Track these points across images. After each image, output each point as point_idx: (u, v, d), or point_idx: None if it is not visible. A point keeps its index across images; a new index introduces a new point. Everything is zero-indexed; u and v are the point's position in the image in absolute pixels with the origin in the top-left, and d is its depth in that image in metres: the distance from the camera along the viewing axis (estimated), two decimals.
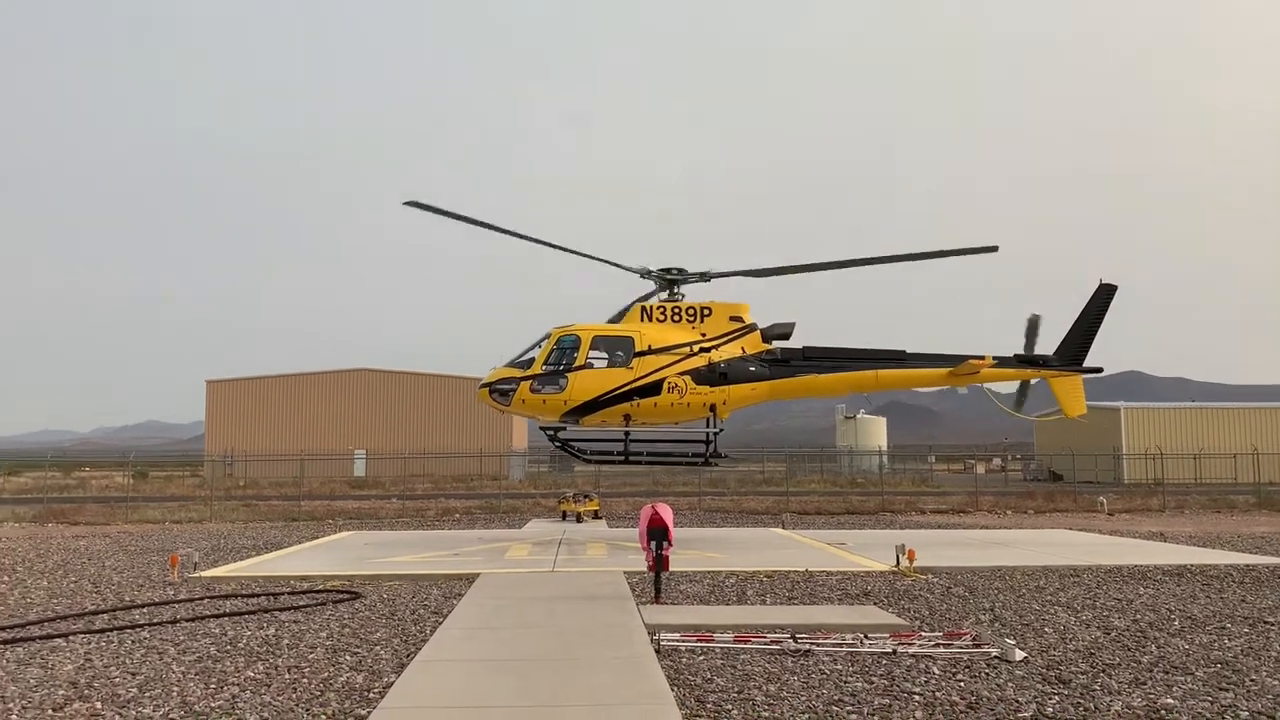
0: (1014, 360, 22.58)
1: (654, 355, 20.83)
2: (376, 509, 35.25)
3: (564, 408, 20.77)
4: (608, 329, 21.28)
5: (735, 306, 21.81)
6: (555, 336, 21.01)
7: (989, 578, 15.48)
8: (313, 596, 13.66)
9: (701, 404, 21.11)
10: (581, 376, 20.66)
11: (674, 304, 21.59)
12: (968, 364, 22.08)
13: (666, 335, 21.13)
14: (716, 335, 21.34)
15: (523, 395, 20.77)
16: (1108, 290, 22.90)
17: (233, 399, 71.61)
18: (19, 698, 8.15)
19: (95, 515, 32.55)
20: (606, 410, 20.87)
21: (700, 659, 9.56)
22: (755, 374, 21.40)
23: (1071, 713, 7.69)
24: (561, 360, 20.72)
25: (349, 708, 7.80)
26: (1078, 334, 22.80)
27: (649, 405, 20.86)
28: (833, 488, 48.90)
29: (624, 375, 20.70)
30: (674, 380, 20.80)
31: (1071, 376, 22.82)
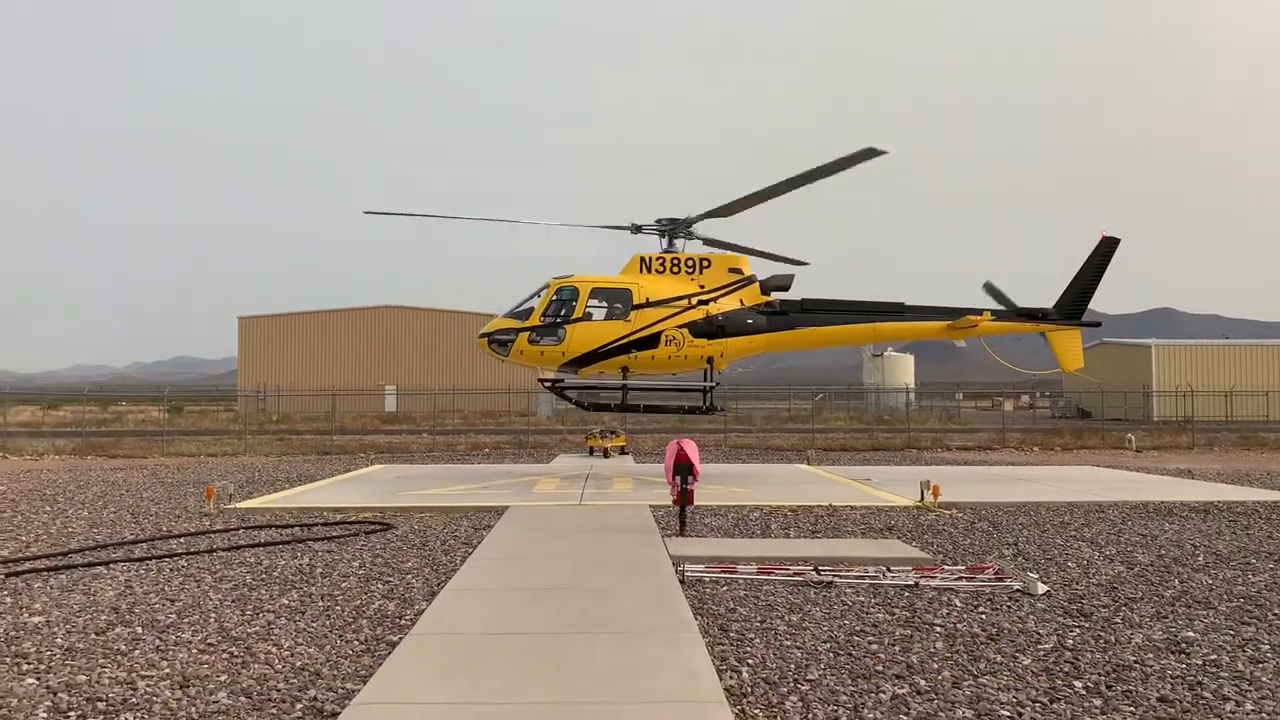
0: (1012, 314, 22.54)
1: (652, 308, 20.84)
2: (407, 443, 35.71)
3: (562, 359, 20.90)
4: (606, 280, 21.29)
5: (734, 258, 21.75)
6: (554, 287, 21.05)
7: (1013, 513, 15.53)
8: (345, 528, 13.94)
9: (699, 356, 21.19)
10: (579, 328, 20.72)
11: (673, 255, 21.54)
12: (966, 318, 22.14)
13: (665, 287, 21.11)
14: (715, 287, 21.31)
15: (521, 346, 20.90)
16: (1109, 243, 22.66)
17: (264, 335, 72.33)
18: (63, 622, 8.42)
19: (132, 448, 33.19)
20: (604, 362, 21.00)
21: (724, 590, 9.70)
22: (753, 326, 21.40)
23: (1092, 645, 7.77)
24: (560, 312, 20.79)
25: (381, 634, 8.01)
26: (1077, 287, 22.65)
27: (646, 358, 20.95)
28: (859, 425, 48.95)
29: (622, 328, 20.75)
30: (671, 333, 20.84)
31: (1070, 330, 22.71)
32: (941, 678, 6.92)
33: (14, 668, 7.09)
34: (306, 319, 73.85)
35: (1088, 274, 22.62)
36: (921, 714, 6.19)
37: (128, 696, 6.44)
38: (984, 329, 22.40)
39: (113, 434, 41.52)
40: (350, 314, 73.96)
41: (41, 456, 31.37)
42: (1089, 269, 22.62)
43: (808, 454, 29.48)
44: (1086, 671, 7.08)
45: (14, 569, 10.77)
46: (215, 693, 6.52)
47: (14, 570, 10.68)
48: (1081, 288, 22.63)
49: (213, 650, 7.54)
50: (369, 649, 7.55)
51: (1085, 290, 22.62)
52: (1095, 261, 22.62)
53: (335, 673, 6.96)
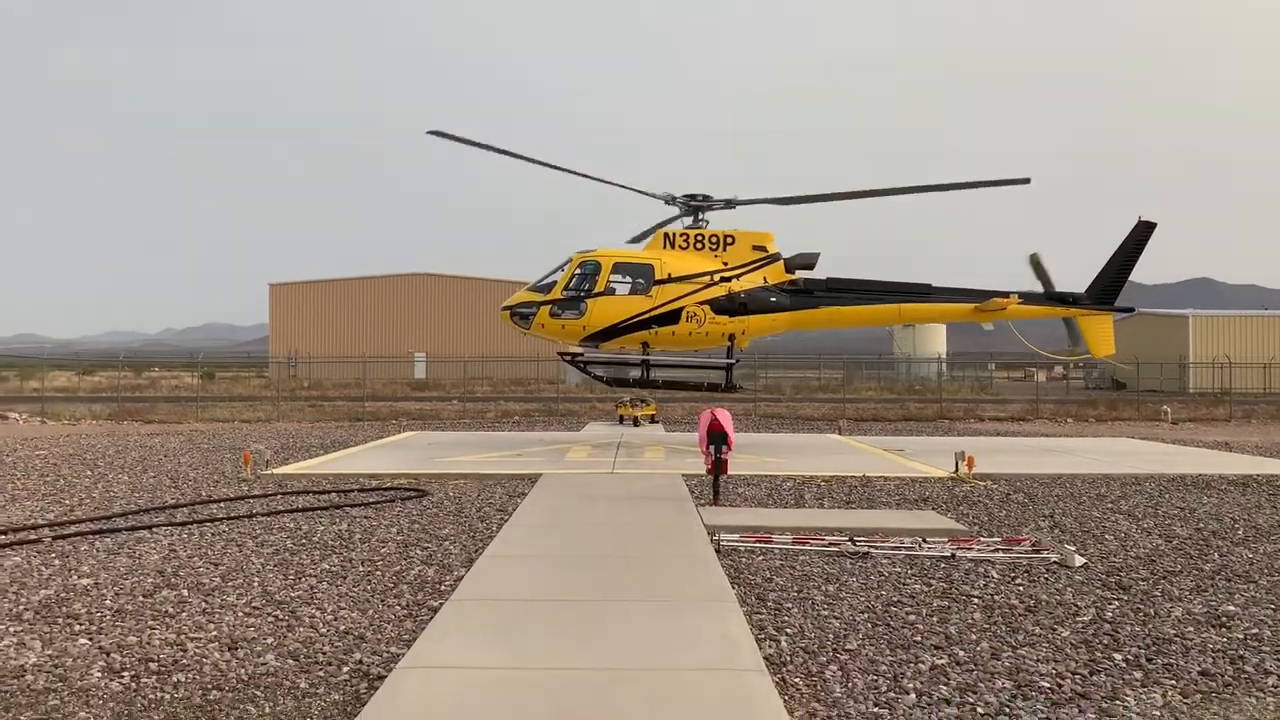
0: (1042, 297, 22.02)
1: (674, 284, 20.75)
2: (438, 410, 35.97)
3: (582, 333, 20.91)
4: (629, 255, 21.24)
5: (759, 235, 21.55)
6: (576, 261, 21.04)
7: (1049, 485, 15.45)
8: (381, 494, 14.09)
9: (720, 333, 21.10)
10: (601, 303, 20.69)
11: (697, 231, 21.39)
12: (993, 301, 21.70)
13: (687, 263, 21.01)
14: (738, 264, 21.15)
15: (542, 320, 20.91)
16: (1146, 227, 22.09)
17: (295, 302, 72.82)
18: (111, 584, 8.59)
19: (167, 414, 33.65)
20: (624, 337, 20.96)
21: (759, 559, 9.74)
22: (776, 304, 21.27)
23: (1131, 618, 7.75)
24: (582, 286, 20.76)
25: (422, 599, 8.11)
26: (1111, 271, 22.06)
27: (667, 333, 20.91)
28: (889, 395, 48.76)
29: (643, 303, 20.69)
30: (693, 309, 20.75)
31: (1101, 315, 22.11)
32: (980, 649, 6.92)
33: (67, 628, 7.25)
34: (337, 286, 74.26)
35: (1122, 258, 22.06)
36: (961, 684, 6.20)
37: (178, 658, 6.57)
38: (1012, 312, 21.93)
39: (147, 399, 42.10)
40: (380, 281, 74.27)
41: (79, 421, 31.87)
42: (1123, 253, 22.06)
43: (839, 424, 29.41)
44: (1126, 644, 7.06)
45: (61, 532, 10.98)
46: (263, 655, 6.64)
47: (61, 533, 10.89)
48: (1115, 272, 22.07)
49: (258, 613, 7.67)
50: (411, 614, 7.66)
51: (1119, 275, 22.07)
52: (1130, 246, 22.05)
53: (379, 637, 7.07)
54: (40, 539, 10.55)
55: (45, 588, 8.46)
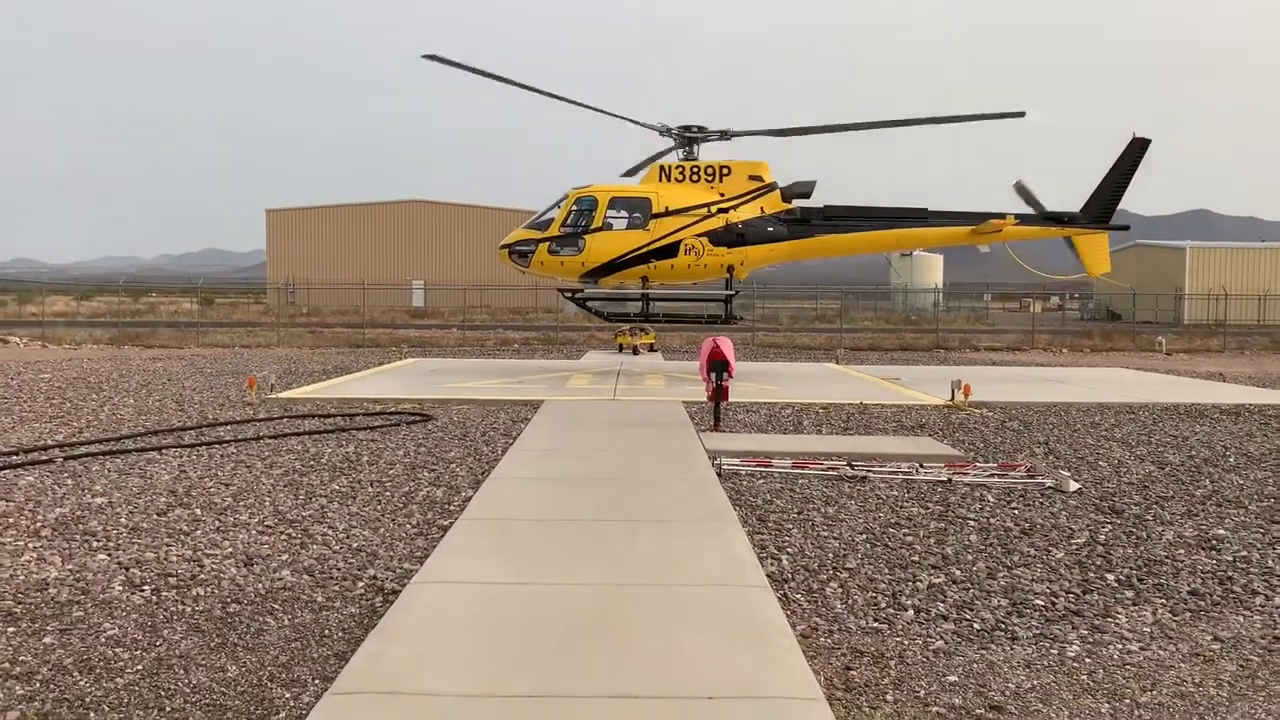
0: (1038, 218, 22.08)
1: (671, 216, 20.73)
2: (437, 338, 36.08)
3: (581, 269, 20.96)
4: (625, 189, 21.20)
5: (755, 165, 21.48)
6: (573, 197, 21.00)
7: (1044, 413, 15.64)
8: (386, 418, 14.25)
9: (719, 265, 21.15)
10: (598, 238, 20.69)
11: (692, 163, 21.31)
12: (990, 223, 21.77)
13: (684, 196, 20.96)
14: (735, 195, 21.10)
15: (541, 257, 20.95)
16: (1140, 145, 22.03)
17: (292, 228, 72.40)
18: (125, 503, 8.75)
19: (168, 339, 33.74)
20: (624, 272, 21.02)
21: (760, 482, 9.93)
22: (774, 234, 21.26)
23: (1123, 541, 7.95)
24: (579, 222, 20.76)
25: (432, 518, 8.29)
26: (1106, 190, 22.09)
27: (666, 267, 20.95)
28: (886, 325, 48.91)
29: (641, 237, 20.71)
30: (691, 242, 20.77)
31: (1097, 234, 22.26)
32: (976, 569, 7.12)
33: (84, 544, 7.42)
34: (334, 212, 73.78)
35: (1117, 176, 22.07)
36: (958, 602, 6.41)
37: (196, 573, 6.75)
38: (1009, 233, 21.97)
39: (147, 324, 42.16)
40: (377, 208, 73.79)
41: (79, 346, 31.96)
42: (1118, 171, 22.06)
43: (837, 353, 29.58)
44: (1118, 565, 7.26)
45: (71, 453, 11.13)
46: (279, 570, 6.82)
47: (71, 454, 11.04)
48: (1110, 190, 22.10)
49: (271, 531, 7.85)
50: (422, 533, 7.84)
51: (1114, 193, 22.11)
52: (1125, 163, 22.04)
53: (391, 554, 7.25)
54: (52, 459, 10.70)
55: (60, 506, 8.62)
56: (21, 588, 6.38)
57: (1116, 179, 22.09)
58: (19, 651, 5.33)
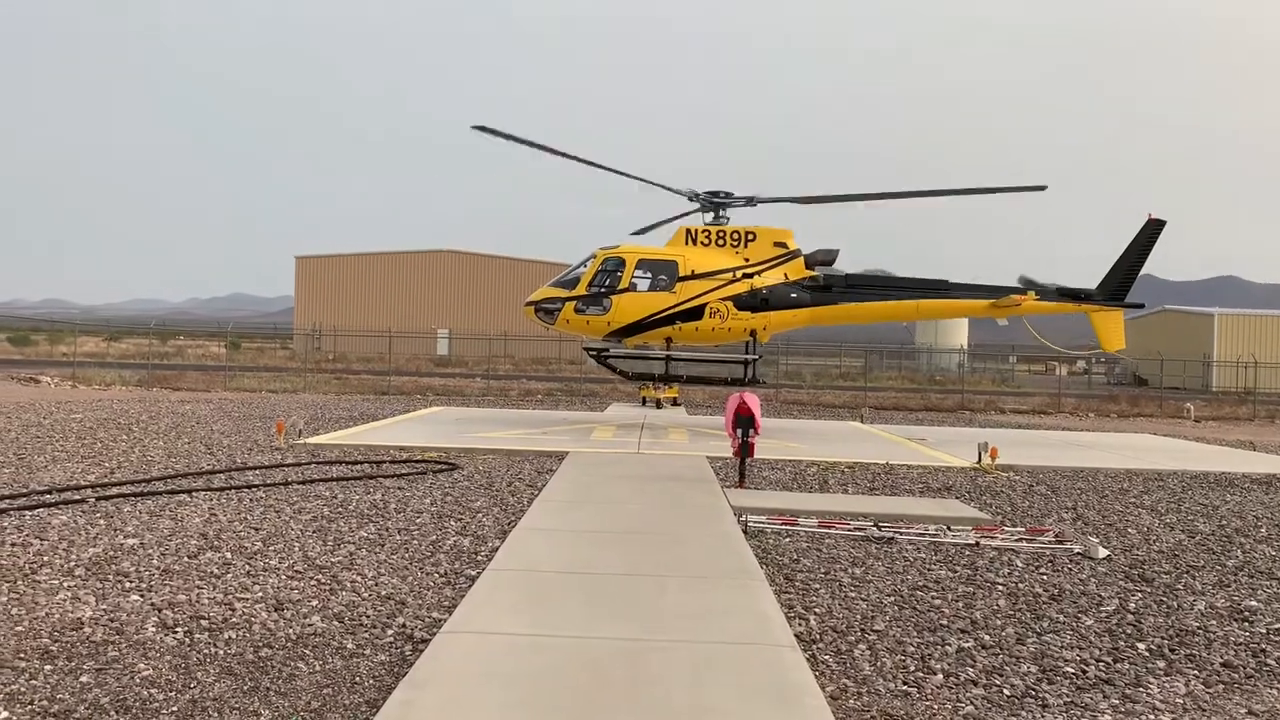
0: (1055, 293, 22.65)
1: (697, 280, 21.04)
2: (461, 387, 36.28)
3: (607, 328, 21.26)
4: (652, 252, 21.53)
5: (780, 232, 21.84)
6: (600, 258, 21.32)
7: (1071, 478, 15.54)
8: (413, 466, 14.34)
9: (742, 329, 21.43)
10: (625, 299, 20.99)
11: (719, 228, 21.69)
12: (1009, 297, 22.30)
13: (710, 260, 21.28)
14: (760, 260, 21.43)
15: (567, 315, 21.29)
16: (1155, 225, 22.55)
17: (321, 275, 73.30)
18: (156, 545, 8.84)
19: (195, 382, 34.11)
20: (648, 333, 21.32)
21: (786, 541, 9.91)
22: (797, 300, 21.57)
23: (1154, 609, 7.88)
24: (605, 282, 21.05)
25: (459, 568, 8.33)
26: (1121, 269, 22.56)
27: (690, 329, 21.22)
28: (910, 385, 48.77)
29: (667, 299, 20.98)
30: (716, 305, 21.04)
31: (1112, 311, 22.73)
32: (1005, 634, 7.07)
33: (118, 584, 7.50)
34: (362, 260, 74.69)
35: (1132, 255, 22.57)
36: (987, 667, 6.36)
37: (228, 616, 6.80)
38: (1027, 308, 22.52)
39: (175, 367, 42.64)
40: (404, 257, 74.66)
41: (109, 386, 32.37)
42: (1134, 250, 22.57)
43: (861, 412, 29.52)
44: (1149, 634, 7.19)
45: (103, 493, 11.26)
46: (309, 616, 6.87)
47: (104, 494, 11.17)
48: (1126, 269, 22.57)
49: (300, 577, 7.90)
50: (449, 582, 7.87)
51: (1129, 272, 22.57)
52: (1140, 243, 22.56)
53: (420, 602, 7.28)
54: (84, 499, 10.83)
55: (94, 545, 8.72)
56: (57, 626, 6.45)
57: (1131, 258, 22.60)
58: (56, 689, 5.39)
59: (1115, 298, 22.58)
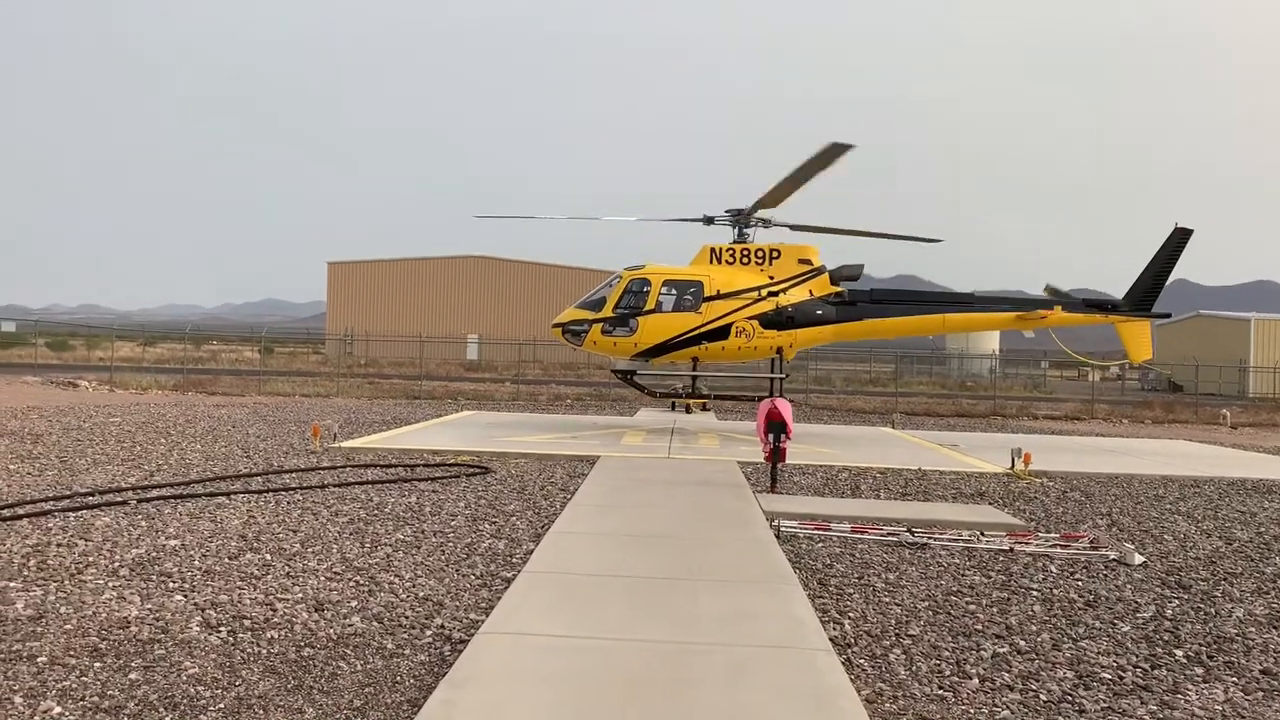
0: (1082, 305, 22.75)
1: (723, 300, 21.11)
2: (491, 391, 36.44)
3: (634, 349, 21.35)
4: (677, 272, 21.61)
5: (804, 249, 21.96)
6: (626, 279, 21.45)
7: (1106, 484, 15.43)
8: (446, 469, 14.46)
9: (769, 347, 21.49)
10: (651, 320, 21.07)
11: (743, 246, 21.80)
12: (1036, 310, 22.40)
13: (735, 278, 21.36)
14: (785, 278, 21.52)
15: (594, 337, 21.41)
16: (1182, 234, 22.55)
17: (352, 280, 73.87)
18: (198, 546, 8.99)
19: (230, 386, 34.47)
20: (676, 353, 21.40)
21: (819, 546, 9.92)
22: (822, 317, 21.64)
23: (1191, 616, 7.83)
24: (632, 303, 21.16)
25: (494, 570, 8.42)
26: (1148, 278, 22.58)
27: (717, 348, 21.31)
28: (941, 390, 48.50)
29: (693, 319, 21.07)
30: (742, 324, 21.11)
31: (1140, 321, 22.74)
32: (1041, 640, 7.06)
33: (161, 585, 7.64)
34: (393, 266, 75.20)
35: (1158, 265, 22.58)
36: (1023, 672, 6.36)
37: (269, 616, 6.92)
38: (1054, 320, 22.60)
39: (210, 371, 43.14)
40: (435, 262, 75.09)
41: (145, 390, 32.76)
42: (1160, 260, 22.58)
43: (893, 417, 29.40)
44: (1187, 641, 7.16)
45: (144, 495, 11.45)
46: (349, 617, 6.97)
47: (144, 497, 11.35)
48: (1152, 279, 22.60)
49: (339, 578, 8.01)
50: (485, 584, 7.96)
51: (1156, 281, 22.59)
52: (1166, 252, 22.56)
53: (457, 604, 7.37)
54: (126, 501, 11.02)
55: (136, 546, 8.88)
56: (104, 625, 6.59)
57: (1158, 267, 22.62)
58: (106, 686, 5.52)
59: (1142, 307, 22.61)
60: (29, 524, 9.68)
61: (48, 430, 18.27)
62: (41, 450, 15.35)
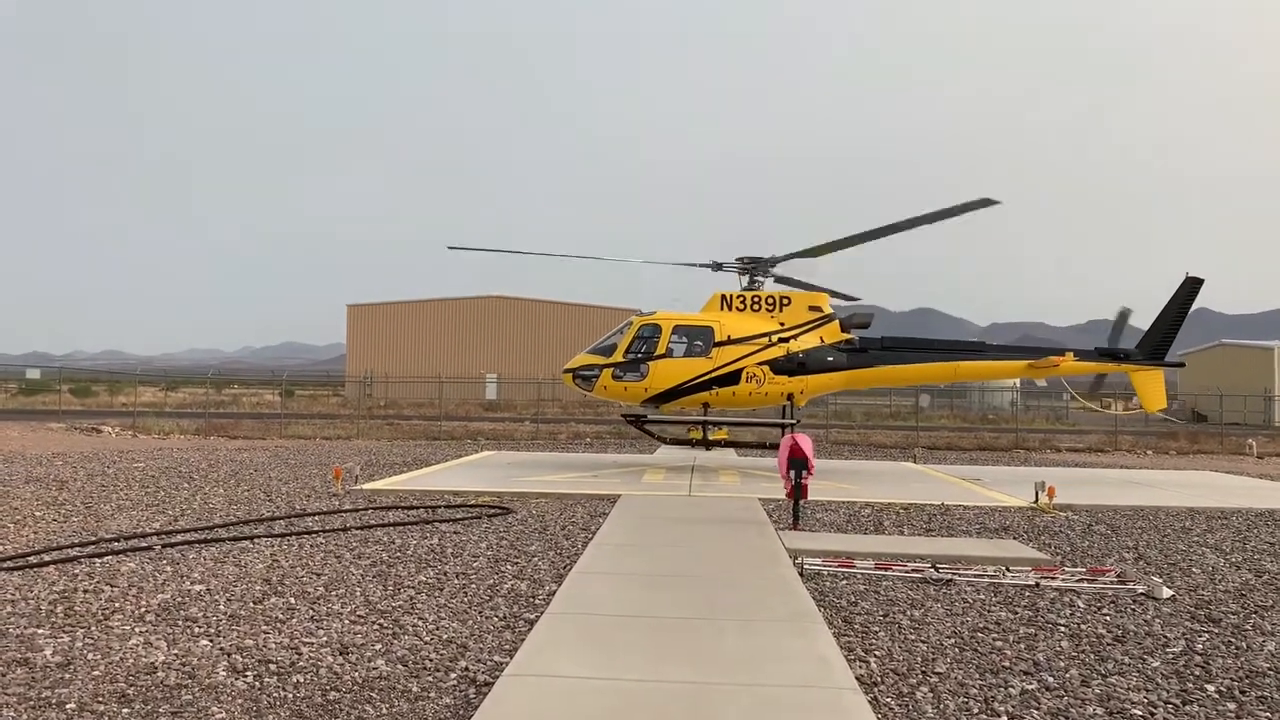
0: (1094, 354, 22.78)
1: (733, 345, 21.21)
2: (511, 431, 36.51)
3: (644, 395, 21.42)
4: (688, 318, 21.74)
5: (814, 296, 22.08)
6: (636, 325, 21.59)
7: (1131, 517, 15.29)
8: (467, 510, 14.48)
9: (780, 393, 21.55)
10: (662, 365, 21.17)
11: (754, 293, 21.97)
12: (1048, 359, 22.47)
13: (746, 325, 21.47)
14: (795, 325, 21.64)
15: (605, 382, 21.48)
16: (1193, 283, 22.65)
17: (372, 323, 74.40)
18: (223, 590, 9.03)
19: (251, 430, 34.65)
20: (686, 398, 21.44)
21: (843, 583, 9.87)
22: (833, 364, 21.71)
23: (1222, 650, 7.74)
24: (642, 349, 21.27)
25: (518, 611, 8.41)
26: (1160, 328, 22.66)
27: (727, 394, 21.33)
28: (963, 424, 48.23)
29: (703, 365, 21.15)
30: (752, 370, 21.18)
31: (1153, 371, 22.76)
32: (1069, 676, 6.99)
33: (187, 630, 7.67)
34: (411, 308, 75.75)
35: (1171, 314, 22.65)
36: (1052, 709, 6.29)
37: (295, 660, 6.94)
38: (1065, 369, 22.67)
39: (231, 415, 43.39)
40: (453, 303, 75.59)
41: (168, 435, 33.00)
42: (1171, 309, 22.66)
43: (914, 452, 29.26)
44: (1218, 676, 7.07)
45: (168, 540, 11.52)
46: (373, 660, 6.98)
47: (169, 542, 11.43)
48: (1165, 329, 22.66)
49: (363, 621, 8.03)
50: (509, 625, 7.95)
51: (1170, 330, 22.66)
52: (1178, 302, 22.65)
53: (481, 646, 7.37)
54: (151, 546, 11.09)
55: (162, 591, 8.93)
56: (131, 671, 6.63)
57: (1170, 317, 22.68)
58: None
59: (1155, 357, 22.65)
60: (55, 570, 9.76)
61: (72, 476, 18.42)
62: (67, 496, 15.48)
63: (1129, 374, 22.84)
